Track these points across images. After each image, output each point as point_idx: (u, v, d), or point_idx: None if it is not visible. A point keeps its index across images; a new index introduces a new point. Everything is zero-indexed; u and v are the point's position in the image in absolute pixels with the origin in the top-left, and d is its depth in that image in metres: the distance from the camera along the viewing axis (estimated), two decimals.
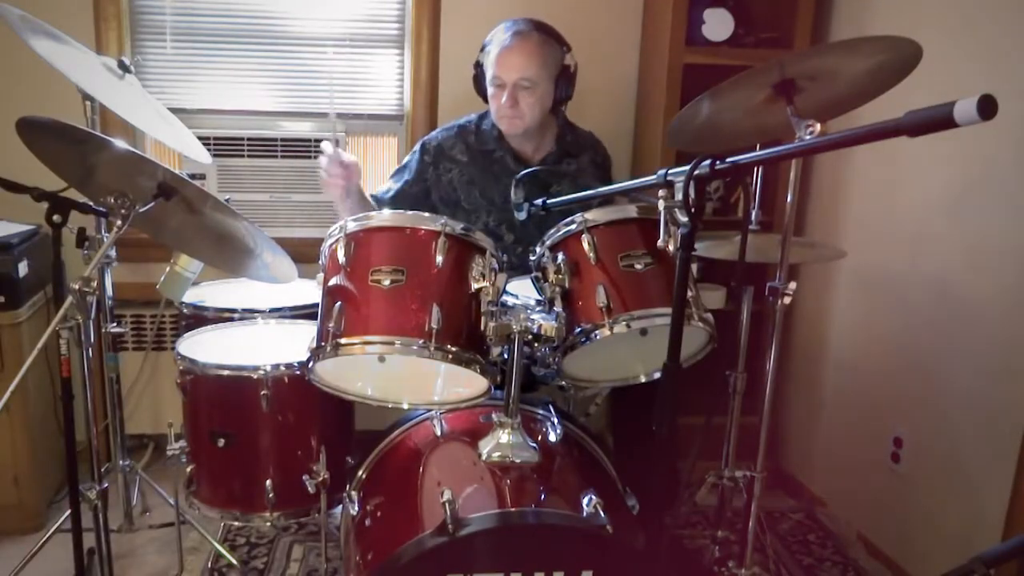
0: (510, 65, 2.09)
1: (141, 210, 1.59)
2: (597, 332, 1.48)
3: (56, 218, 1.65)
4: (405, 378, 1.66)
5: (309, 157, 2.69)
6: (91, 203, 1.73)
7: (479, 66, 2.21)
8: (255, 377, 1.77)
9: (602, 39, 2.78)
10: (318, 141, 2.67)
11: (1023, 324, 1.91)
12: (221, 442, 1.80)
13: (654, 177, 1.24)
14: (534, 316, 1.50)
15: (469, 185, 2.23)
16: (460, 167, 2.23)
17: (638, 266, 1.52)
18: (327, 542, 1.78)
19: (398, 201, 2.25)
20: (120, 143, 1.59)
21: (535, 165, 2.24)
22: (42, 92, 2.47)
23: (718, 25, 2.55)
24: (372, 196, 2.28)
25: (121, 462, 2.32)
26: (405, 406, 1.64)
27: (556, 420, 1.71)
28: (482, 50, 2.20)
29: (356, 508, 1.60)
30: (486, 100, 2.22)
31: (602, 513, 1.35)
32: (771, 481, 2.64)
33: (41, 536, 2.13)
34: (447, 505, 1.31)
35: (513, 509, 1.39)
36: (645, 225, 1.55)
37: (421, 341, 1.42)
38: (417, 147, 2.29)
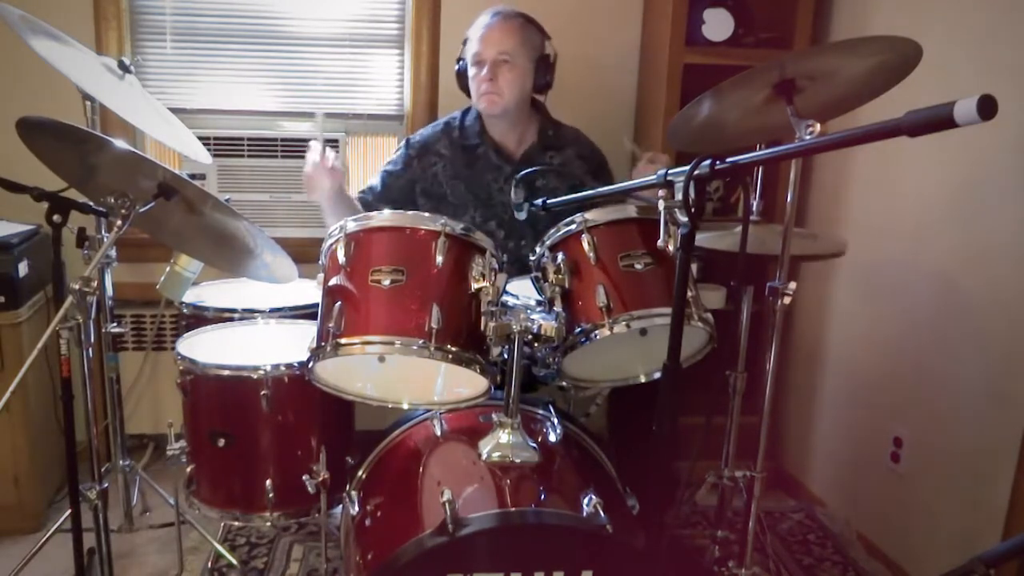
0: (490, 40, 2.13)
1: (141, 210, 1.59)
2: (597, 332, 1.48)
3: (56, 218, 1.65)
4: (405, 378, 1.66)
5: None
6: (91, 203, 1.72)
7: (461, 60, 2.24)
8: (255, 377, 1.76)
9: (602, 39, 2.78)
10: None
11: (1022, 323, 1.91)
12: (221, 442, 1.80)
13: (654, 177, 1.24)
14: (534, 316, 1.50)
15: (454, 180, 2.24)
16: (445, 161, 2.25)
17: (638, 266, 1.52)
18: (327, 542, 1.77)
19: (384, 193, 2.27)
20: (120, 143, 1.59)
21: (517, 159, 2.25)
22: (42, 92, 2.47)
23: (718, 25, 2.55)
24: (360, 192, 2.31)
25: (121, 462, 2.32)
26: (405, 406, 1.64)
27: (556, 420, 1.71)
28: (464, 43, 2.22)
29: (356, 508, 1.59)
30: (469, 95, 2.25)
31: (602, 513, 1.35)
32: (771, 481, 2.65)
33: (41, 536, 2.13)
34: (447, 505, 1.31)
35: (513, 509, 1.39)
36: (645, 225, 1.55)
37: (421, 341, 1.42)
38: (403, 143, 2.32)
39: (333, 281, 1.53)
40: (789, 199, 1.75)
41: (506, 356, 1.50)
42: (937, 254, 2.17)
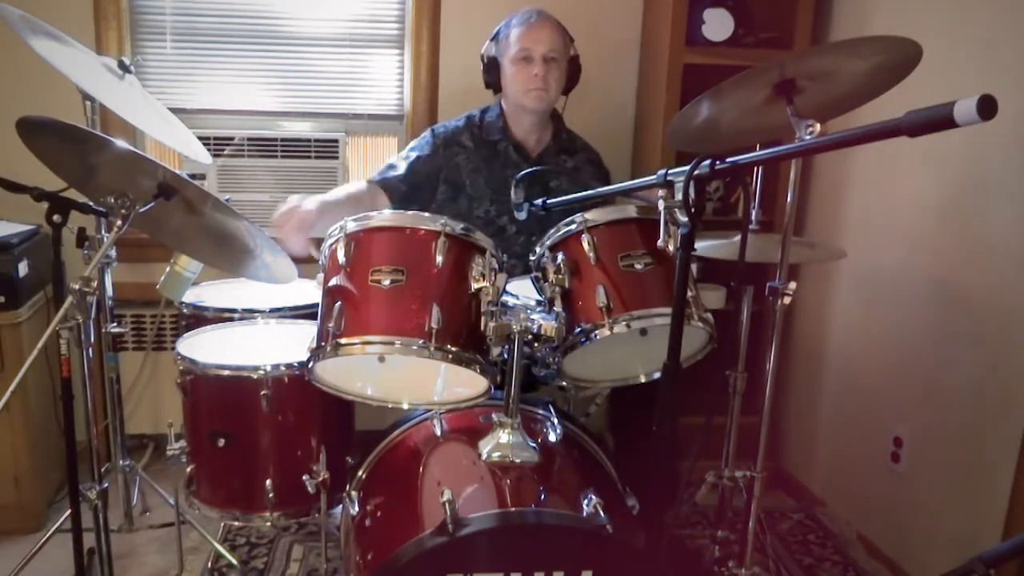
0: (539, 38, 2.16)
1: (141, 210, 1.59)
2: (597, 332, 1.48)
3: (56, 218, 1.65)
4: (405, 378, 1.66)
5: (309, 157, 2.70)
6: (91, 203, 1.72)
7: (487, 58, 2.24)
8: (255, 377, 1.76)
9: (602, 39, 2.78)
10: (318, 141, 2.70)
11: (1022, 324, 1.91)
12: (221, 442, 1.80)
13: (654, 177, 1.24)
14: (534, 316, 1.50)
15: (474, 173, 2.26)
16: (467, 153, 2.27)
17: (638, 266, 1.52)
18: (327, 542, 1.77)
19: (409, 177, 2.24)
20: (120, 143, 1.59)
21: (535, 158, 2.28)
22: (42, 92, 2.47)
23: (718, 25, 2.55)
24: (380, 174, 2.25)
25: (121, 462, 2.32)
26: (405, 406, 1.64)
27: (556, 420, 1.71)
28: (494, 39, 2.24)
29: (356, 508, 1.59)
30: (495, 90, 2.27)
31: (602, 513, 1.35)
32: (771, 481, 2.65)
33: (41, 536, 2.13)
34: (447, 505, 1.31)
35: (513, 509, 1.39)
36: (645, 225, 1.55)
37: (421, 341, 1.42)
38: (428, 132, 2.32)
39: (333, 281, 1.53)
40: (789, 199, 1.75)
41: (506, 356, 1.50)
42: (937, 254, 2.17)
